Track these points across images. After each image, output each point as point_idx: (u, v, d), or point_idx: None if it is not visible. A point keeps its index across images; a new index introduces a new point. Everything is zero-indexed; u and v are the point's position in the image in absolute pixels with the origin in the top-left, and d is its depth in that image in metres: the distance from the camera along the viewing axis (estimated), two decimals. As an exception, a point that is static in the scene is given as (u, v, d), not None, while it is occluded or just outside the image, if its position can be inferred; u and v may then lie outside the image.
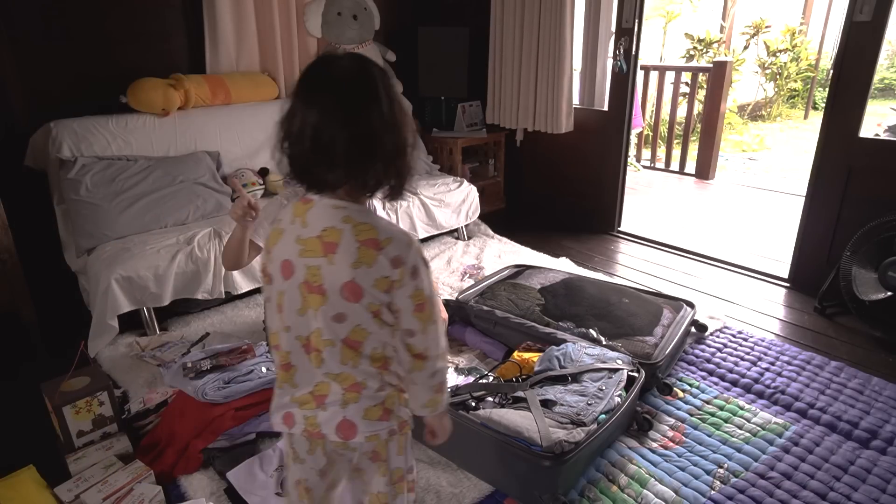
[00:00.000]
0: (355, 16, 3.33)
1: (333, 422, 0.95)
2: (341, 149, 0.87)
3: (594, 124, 3.38)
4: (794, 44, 6.47)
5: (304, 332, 0.95)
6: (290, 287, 0.94)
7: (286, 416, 0.99)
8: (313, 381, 0.97)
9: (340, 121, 0.87)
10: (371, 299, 0.91)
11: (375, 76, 0.91)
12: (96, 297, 2.12)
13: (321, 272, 0.90)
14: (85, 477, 1.52)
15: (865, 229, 2.27)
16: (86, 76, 2.70)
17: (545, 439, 1.41)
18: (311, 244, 0.91)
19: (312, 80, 0.91)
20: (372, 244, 0.89)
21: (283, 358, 0.98)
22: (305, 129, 0.88)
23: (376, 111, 0.89)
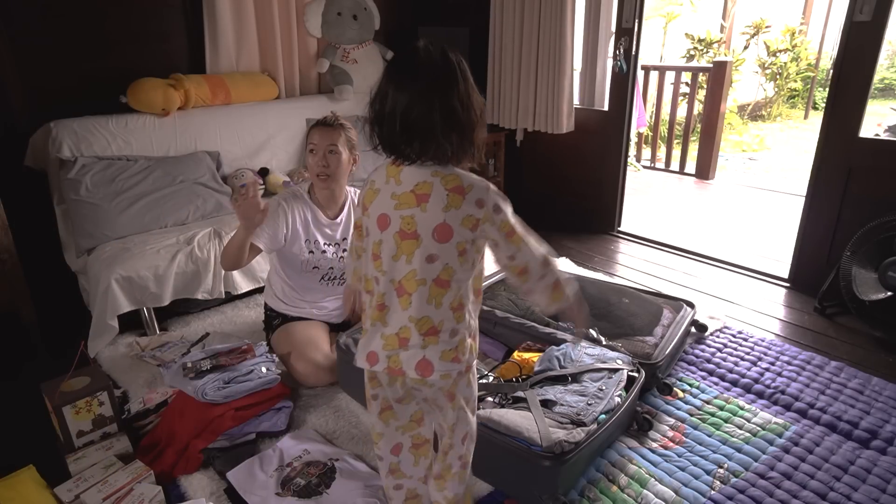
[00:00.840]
0: (355, 16, 3.33)
1: (413, 360, 1.10)
2: (426, 126, 1.04)
3: (594, 124, 3.38)
4: (794, 44, 6.47)
5: (397, 276, 1.10)
6: (385, 237, 1.10)
7: (370, 354, 1.14)
8: (399, 324, 1.11)
9: (426, 102, 1.03)
10: (459, 237, 1.07)
11: (454, 62, 1.07)
12: (96, 297, 2.12)
13: (415, 219, 1.07)
14: (85, 477, 1.52)
15: (865, 229, 2.27)
16: (86, 76, 2.70)
17: (545, 439, 1.41)
18: (405, 198, 1.07)
19: (400, 66, 1.08)
20: (458, 190, 1.06)
21: (379, 299, 1.13)
22: (396, 110, 1.04)
23: (455, 93, 1.05)
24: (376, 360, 1.13)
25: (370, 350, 1.14)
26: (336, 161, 1.90)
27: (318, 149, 1.89)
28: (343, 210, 2.05)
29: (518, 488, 1.49)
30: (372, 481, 1.54)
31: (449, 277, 1.09)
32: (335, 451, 1.65)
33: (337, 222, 2.03)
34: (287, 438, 1.71)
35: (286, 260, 2.00)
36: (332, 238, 2.03)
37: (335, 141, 1.89)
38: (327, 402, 1.90)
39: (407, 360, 1.10)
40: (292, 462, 1.61)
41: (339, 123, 1.93)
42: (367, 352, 1.14)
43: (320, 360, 1.94)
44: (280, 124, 3.11)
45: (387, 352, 1.12)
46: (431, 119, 1.03)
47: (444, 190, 1.06)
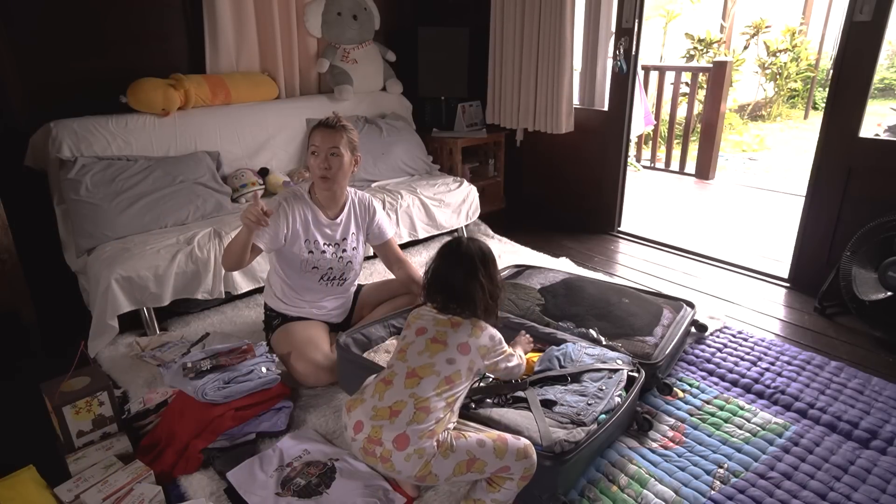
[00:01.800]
0: (355, 16, 3.33)
1: (393, 434, 1.32)
2: (465, 295, 1.46)
3: (594, 124, 3.38)
4: (794, 44, 6.47)
5: (414, 364, 1.40)
6: (418, 340, 1.45)
7: (357, 423, 1.38)
8: (395, 399, 1.36)
9: (466, 280, 1.46)
10: (473, 357, 1.44)
11: (485, 251, 1.51)
12: (96, 297, 2.12)
13: (447, 333, 1.45)
14: (85, 477, 1.52)
15: (865, 229, 2.27)
16: (86, 76, 2.70)
17: (545, 439, 1.41)
18: (443, 322, 1.47)
19: (451, 253, 1.52)
20: (480, 327, 1.48)
21: (388, 376, 1.41)
22: (446, 284, 1.49)
23: (486, 275, 1.48)
24: (360, 428, 1.37)
25: (358, 419, 1.38)
26: (338, 163, 1.90)
27: (319, 151, 1.89)
28: (343, 210, 2.05)
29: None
30: (372, 481, 1.54)
31: (457, 380, 1.40)
32: (335, 451, 1.65)
33: (337, 222, 2.03)
34: (287, 438, 1.71)
35: (286, 260, 2.00)
36: (332, 238, 2.03)
37: (337, 143, 1.89)
38: (327, 402, 1.90)
39: (387, 431, 1.33)
40: (292, 462, 1.61)
41: (342, 125, 1.92)
42: (356, 420, 1.39)
43: (320, 360, 1.94)
44: (280, 124, 3.12)
45: (373, 421, 1.35)
46: (465, 290, 1.46)
47: (470, 325, 1.47)
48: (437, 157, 3.56)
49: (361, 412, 1.38)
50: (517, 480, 1.36)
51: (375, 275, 2.80)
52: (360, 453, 1.38)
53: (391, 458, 1.32)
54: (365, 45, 3.42)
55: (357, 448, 1.38)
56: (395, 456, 1.31)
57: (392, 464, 1.32)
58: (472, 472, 1.33)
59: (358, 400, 1.42)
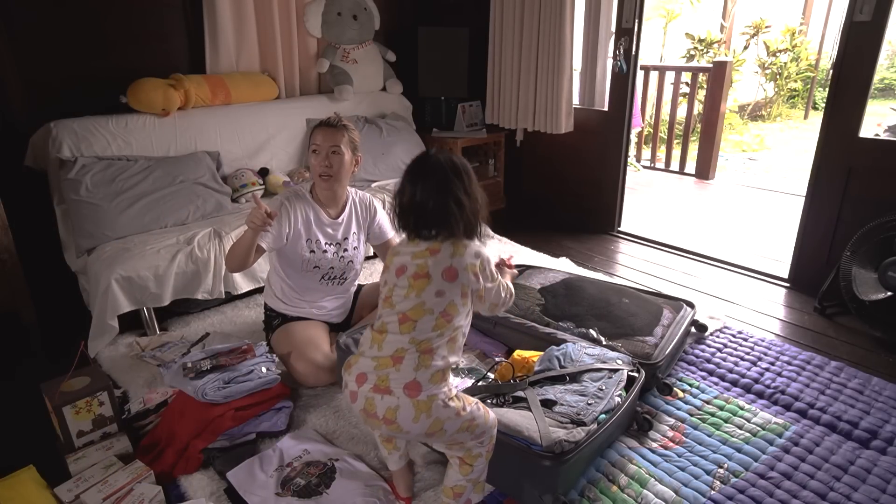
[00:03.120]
0: (355, 16, 3.33)
1: (403, 381, 1.23)
2: (439, 213, 1.28)
3: (594, 124, 3.38)
4: (794, 44, 6.47)
5: (404, 308, 1.27)
6: (400, 281, 1.29)
7: (359, 376, 1.27)
8: (395, 346, 1.25)
9: (438, 196, 1.28)
10: (463, 280, 1.29)
11: (458, 164, 1.32)
12: (96, 297, 2.12)
13: (427, 263, 1.28)
14: (85, 477, 1.52)
15: (865, 229, 2.27)
16: (86, 76, 2.70)
17: (545, 439, 1.41)
18: (421, 253, 1.30)
19: (417, 168, 1.33)
20: (461, 245, 1.30)
21: (380, 326, 1.30)
22: (413, 201, 1.30)
23: (461, 188, 1.30)
24: (364, 380, 1.26)
25: (360, 371, 1.28)
26: (339, 162, 1.90)
27: (320, 149, 1.89)
28: (345, 210, 2.05)
29: (518, 488, 1.49)
30: (372, 481, 1.54)
31: (453, 312, 1.28)
32: (335, 451, 1.65)
33: (338, 222, 2.03)
34: (287, 438, 1.71)
35: (287, 259, 2.00)
36: (334, 238, 2.03)
37: (338, 142, 1.89)
38: (327, 402, 1.90)
39: (396, 379, 1.23)
40: (292, 462, 1.61)
41: (343, 124, 1.93)
42: (357, 373, 1.28)
43: (320, 360, 1.94)
44: (280, 124, 3.12)
45: (377, 371, 1.25)
46: (439, 209, 1.28)
47: (450, 245, 1.30)
48: (437, 157, 3.55)
49: (362, 365, 1.28)
50: (485, 455, 1.35)
51: (375, 275, 2.80)
52: (361, 414, 1.28)
53: (396, 419, 1.22)
54: (365, 45, 3.42)
55: (359, 408, 1.27)
56: (402, 412, 1.22)
57: (398, 424, 1.23)
58: (467, 433, 1.29)
59: (356, 356, 1.33)
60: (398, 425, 1.23)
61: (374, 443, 1.70)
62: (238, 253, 1.84)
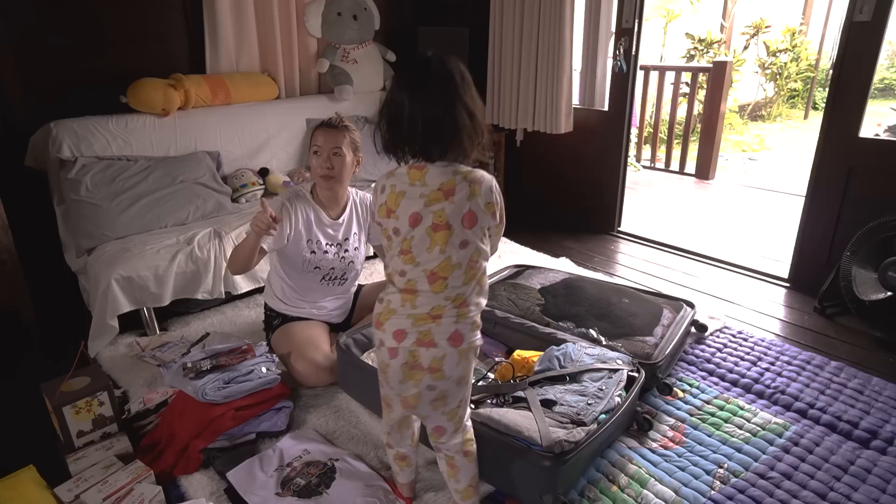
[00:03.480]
0: (355, 16, 3.33)
1: (446, 333, 1.19)
2: (444, 127, 1.16)
3: (594, 124, 3.37)
4: (794, 44, 6.47)
5: (430, 265, 1.19)
6: (417, 232, 1.19)
7: (397, 332, 1.21)
8: (431, 304, 1.20)
9: (442, 106, 1.15)
10: (482, 223, 1.21)
11: (460, 69, 1.19)
12: (96, 297, 2.12)
13: (445, 212, 1.18)
14: (85, 477, 1.52)
15: (865, 229, 2.27)
16: (86, 76, 2.70)
17: (545, 439, 1.41)
18: (434, 195, 1.18)
19: (413, 76, 1.18)
20: (476, 181, 1.20)
21: (409, 284, 1.21)
22: (414, 115, 1.15)
23: (466, 96, 1.18)
24: (403, 336, 1.20)
25: (397, 328, 1.21)
26: (340, 163, 1.90)
27: (322, 150, 1.89)
28: (345, 211, 2.05)
29: (518, 488, 1.49)
30: (372, 481, 1.54)
31: (478, 258, 1.22)
32: (335, 451, 1.65)
33: (339, 222, 2.03)
34: (287, 438, 1.71)
35: (287, 260, 2.00)
36: (335, 238, 2.03)
37: (339, 143, 1.89)
38: (327, 402, 1.90)
39: (439, 333, 1.19)
40: (292, 462, 1.61)
41: (344, 125, 1.93)
42: (394, 329, 1.21)
43: (320, 360, 1.94)
44: (280, 124, 3.12)
45: (417, 327, 1.19)
46: (449, 121, 1.16)
47: (465, 182, 1.19)
48: (437, 157, 3.55)
49: (397, 322, 1.21)
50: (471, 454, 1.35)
51: (375, 275, 2.80)
52: (402, 370, 1.21)
53: (442, 366, 1.20)
54: (365, 45, 3.42)
55: (400, 363, 1.21)
56: (447, 359, 1.20)
57: (442, 372, 1.20)
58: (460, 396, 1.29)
59: (385, 311, 1.24)
60: (442, 372, 1.20)
61: (374, 443, 1.71)
62: (241, 255, 1.84)
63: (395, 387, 1.25)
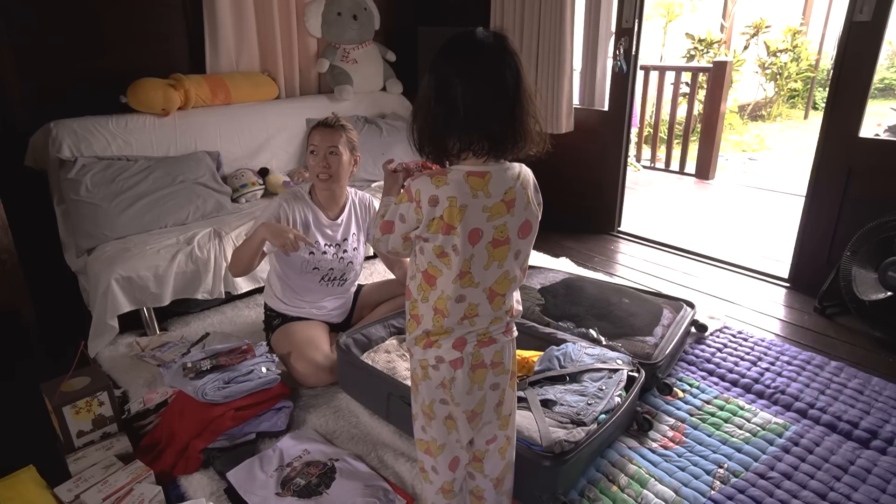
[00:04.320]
0: (355, 16, 3.33)
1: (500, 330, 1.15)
2: (509, 113, 1.00)
3: (594, 124, 3.37)
4: (795, 44, 6.47)
5: (488, 283, 1.10)
6: (477, 250, 1.06)
7: (458, 340, 1.11)
8: (490, 318, 1.13)
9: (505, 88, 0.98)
10: (534, 229, 1.14)
11: (513, 48, 1.01)
12: (96, 297, 2.12)
13: (507, 226, 1.07)
14: (85, 477, 1.52)
15: (865, 229, 2.27)
16: (86, 76, 2.70)
17: (545, 439, 1.41)
18: (497, 208, 1.05)
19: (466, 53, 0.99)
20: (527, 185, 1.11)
21: (470, 310, 1.11)
22: (469, 98, 0.97)
23: (523, 77, 1.01)
24: (464, 343, 1.11)
25: (457, 337, 1.11)
26: (337, 162, 1.90)
27: (318, 150, 1.89)
28: (344, 211, 2.05)
29: (518, 488, 1.49)
30: (372, 481, 1.54)
31: (526, 263, 1.18)
32: (335, 451, 1.65)
33: (338, 223, 2.03)
34: (287, 438, 1.71)
35: (286, 261, 2.00)
36: (333, 239, 2.03)
37: (336, 143, 1.89)
38: (327, 402, 1.90)
39: (496, 331, 1.14)
40: (292, 462, 1.61)
41: (341, 125, 1.93)
42: (453, 341, 1.11)
43: (320, 360, 1.94)
44: (280, 124, 3.12)
45: (477, 336, 1.13)
46: (523, 111, 1.01)
47: (522, 190, 1.08)
48: (437, 157, 3.55)
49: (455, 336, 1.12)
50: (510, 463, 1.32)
51: (375, 275, 2.80)
52: (469, 376, 1.13)
53: (503, 360, 1.16)
54: (365, 45, 3.42)
55: (465, 372, 1.13)
56: (505, 351, 1.17)
57: (503, 365, 1.17)
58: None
59: (436, 330, 1.12)
60: (503, 365, 1.17)
61: (374, 443, 1.71)
62: (243, 258, 1.84)
63: (462, 400, 1.15)
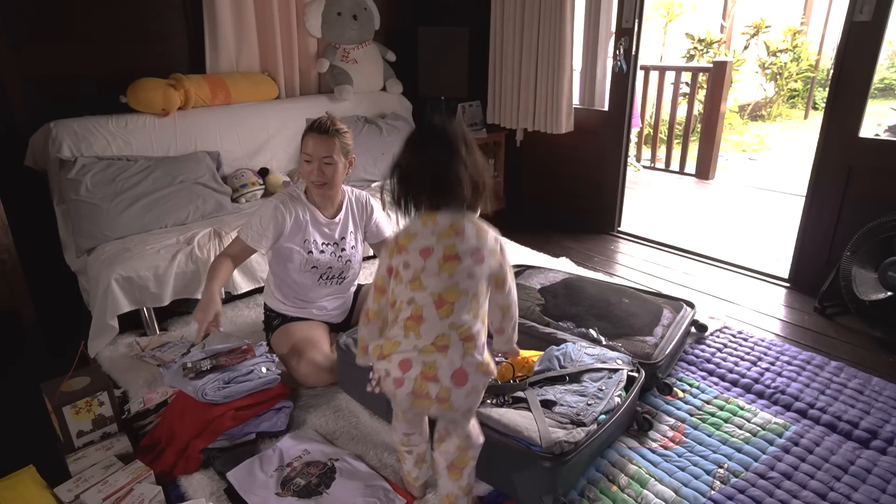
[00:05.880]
0: (355, 16, 3.33)
1: (450, 370, 1.20)
2: (451, 182, 1.26)
3: (594, 124, 3.37)
4: (795, 44, 6.47)
5: (437, 289, 1.23)
6: (429, 263, 1.24)
7: (403, 362, 1.21)
8: (436, 333, 1.21)
9: (450, 165, 1.25)
10: (489, 264, 1.28)
11: (468, 134, 1.31)
12: (96, 297, 2.12)
13: (456, 246, 1.25)
14: (85, 477, 1.52)
15: (865, 229, 2.27)
16: (86, 76, 2.70)
17: (545, 439, 1.41)
18: (446, 232, 1.26)
19: (427, 137, 1.33)
20: (483, 230, 1.29)
21: (415, 311, 1.23)
22: (425, 172, 1.27)
23: (472, 156, 1.29)
24: (409, 366, 1.21)
25: (403, 357, 1.22)
26: (332, 171, 1.88)
27: (312, 160, 1.86)
28: (341, 210, 2.05)
29: (517, 488, 1.49)
30: (372, 481, 1.54)
31: (481, 292, 1.27)
32: (335, 451, 1.65)
33: (335, 222, 2.03)
34: (287, 438, 1.71)
35: (285, 260, 2.00)
36: (331, 238, 2.02)
37: (330, 152, 1.86)
38: (327, 402, 1.90)
39: (444, 367, 1.19)
40: (292, 462, 1.61)
41: (335, 129, 1.88)
42: (400, 359, 1.22)
43: (320, 360, 1.94)
44: (280, 124, 3.11)
45: (423, 357, 1.20)
46: (453, 177, 1.25)
47: (473, 227, 1.28)
48: (437, 157, 3.55)
49: (402, 352, 1.22)
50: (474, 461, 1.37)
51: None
52: (409, 398, 1.22)
53: (450, 398, 1.20)
54: (365, 45, 3.42)
55: (405, 393, 1.22)
56: (454, 393, 1.20)
57: (450, 403, 1.21)
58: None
59: (389, 343, 1.24)
60: (450, 403, 1.21)
61: (374, 443, 1.71)
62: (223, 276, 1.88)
63: (405, 410, 1.34)
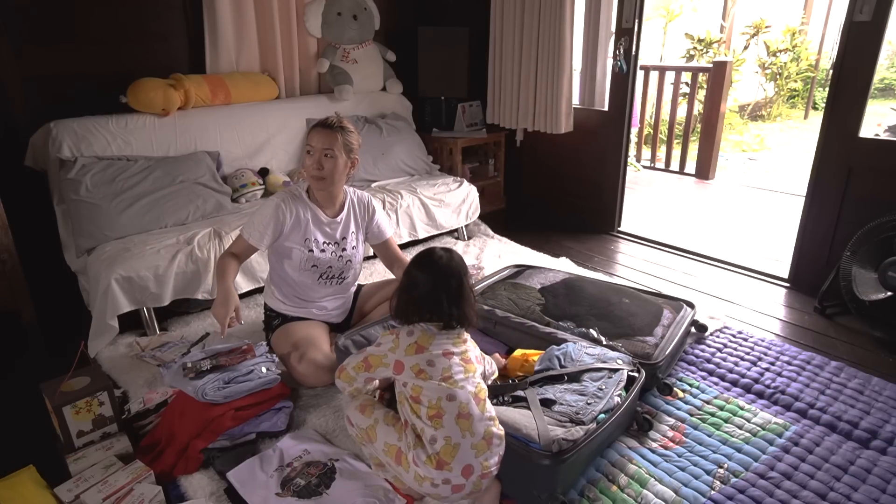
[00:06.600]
0: (355, 16, 3.33)
1: (495, 459, 1.39)
2: (465, 305, 1.47)
3: (594, 124, 3.38)
4: (795, 44, 6.47)
5: (471, 388, 1.41)
6: (453, 363, 1.41)
7: (466, 468, 1.34)
8: (484, 427, 1.38)
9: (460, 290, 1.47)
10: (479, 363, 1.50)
11: (461, 268, 1.51)
12: (96, 297, 2.12)
13: (468, 352, 1.47)
14: (85, 477, 1.52)
15: (865, 229, 2.27)
16: (86, 76, 2.70)
17: (543, 437, 1.41)
18: (457, 341, 1.46)
19: (440, 268, 1.48)
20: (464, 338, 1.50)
21: (462, 408, 1.37)
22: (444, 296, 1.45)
23: (466, 282, 1.50)
24: (471, 472, 1.34)
25: (466, 463, 1.34)
26: (331, 165, 1.89)
27: (314, 151, 1.89)
28: (343, 210, 2.05)
29: (517, 488, 1.49)
30: (372, 481, 1.54)
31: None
32: (335, 451, 1.65)
33: (337, 221, 2.03)
34: (287, 438, 1.71)
35: (285, 259, 2.00)
36: (332, 237, 2.03)
37: (332, 145, 1.88)
38: (327, 402, 1.90)
39: (492, 459, 1.37)
40: (292, 462, 1.61)
41: (340, 126, 1.91)
42: (463, 465, 1.33)
43: (320, 360, 1.94)
44: (280, 124, 3.12)
45: (479, 458, 1.35)
46: (453, 298, 1.45)
47: (468, 337, 1.51)
48: (437, 157, 3.56)
49: (463, 457, 1.34)
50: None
51: (375, 275, 2.80)
52: (467, 498, 1.41)
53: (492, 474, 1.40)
54: (365, 45, 3.42)
55: (465, 493, 1.37)
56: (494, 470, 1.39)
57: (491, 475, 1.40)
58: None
59: (447, 450, 1.33)
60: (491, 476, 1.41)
61: (374, 443, 1.71)
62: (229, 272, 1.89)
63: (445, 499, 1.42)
